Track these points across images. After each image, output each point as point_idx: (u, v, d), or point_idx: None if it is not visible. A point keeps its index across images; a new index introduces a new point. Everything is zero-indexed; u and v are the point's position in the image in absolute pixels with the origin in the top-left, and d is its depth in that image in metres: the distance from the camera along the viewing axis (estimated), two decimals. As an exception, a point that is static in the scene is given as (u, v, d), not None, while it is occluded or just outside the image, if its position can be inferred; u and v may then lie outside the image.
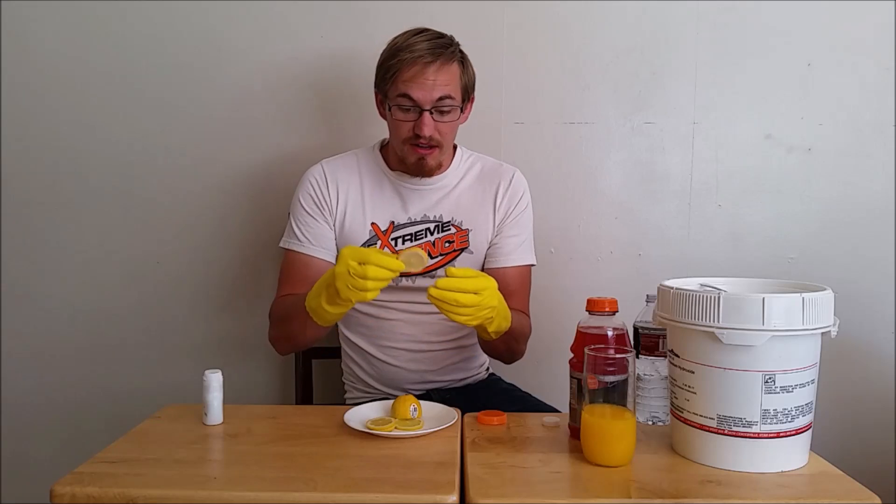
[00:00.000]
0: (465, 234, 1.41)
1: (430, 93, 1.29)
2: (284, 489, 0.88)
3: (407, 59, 1.29)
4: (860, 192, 1.72)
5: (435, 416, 1.13)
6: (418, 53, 1.29)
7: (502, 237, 1.44)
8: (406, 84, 1.29)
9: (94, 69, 1.71)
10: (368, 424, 1.07)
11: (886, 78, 1.69)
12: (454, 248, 1.41)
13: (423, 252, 1.16)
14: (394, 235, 1.40)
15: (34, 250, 1.75)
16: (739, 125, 1.71)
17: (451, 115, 1.34)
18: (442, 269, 1.40)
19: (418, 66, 1.29)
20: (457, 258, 1.41)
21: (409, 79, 1.29)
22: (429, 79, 1.29)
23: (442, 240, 1.41)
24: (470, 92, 1.39)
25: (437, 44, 1.32)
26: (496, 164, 1.48)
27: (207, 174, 1.73)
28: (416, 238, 1.40)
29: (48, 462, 1.76)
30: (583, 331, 1.05)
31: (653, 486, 0.90)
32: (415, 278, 1.39)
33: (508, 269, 1.42)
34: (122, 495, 0.86)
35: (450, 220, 1.41)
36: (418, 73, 1.29)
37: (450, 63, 1.32)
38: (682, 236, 1.74)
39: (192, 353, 1.77)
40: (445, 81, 1.31)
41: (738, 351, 0.92)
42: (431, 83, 1.29)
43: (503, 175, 1.45)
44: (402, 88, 1.30)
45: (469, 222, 1.42)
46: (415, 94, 1.29)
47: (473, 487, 0.88)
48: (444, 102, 1.31)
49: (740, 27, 1.69)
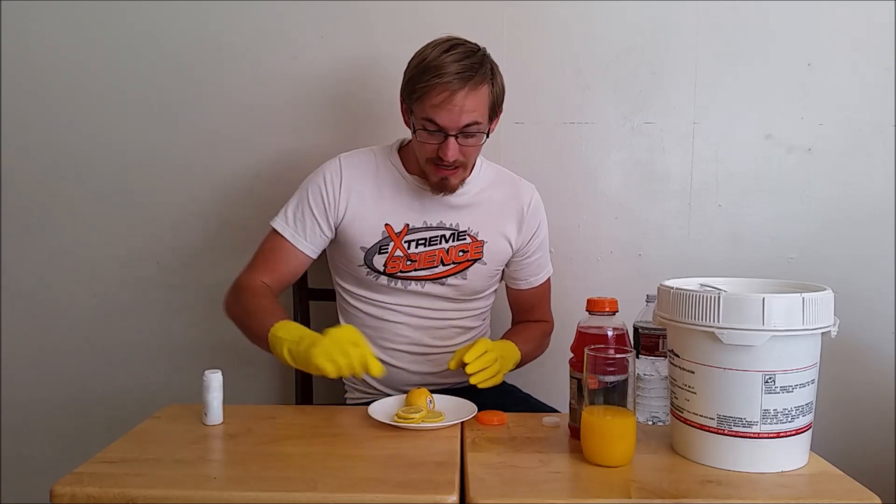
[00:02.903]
0: (480, 245, 1.40)
1: (458, 119, 1.26)
2: (284, 489, 0.88)
3: (435, 85, 1.24)
4: (860, 192, 1.71)
5: (454, 408, 1.15)
6: (447, 79, 1.23)
7: (528, 259, 1.46)
8: (433, 109, 1.25)
9: (94, 70, 1.71)
10: (396, 417, 1.09)
11: (886, 78, 1.69)
12: (468, 258, 1.40)
13: (427, 401, 1.18)
14: (407, 238, 1.38)
15: (34, 250, 1.75)
16: (739, 125, 1.71)
17: (477, 140, 1.31)
18: (451, 277, 1.40)
19: (447, 94, 1.24)
20: (469, 268, 1.40)
21: (437, 104, 1.25)
22: (456, 105, 1.24)
23: (456, 248, 1.39)
24: (498, 108, 1.35)
25: (468, 66, 1.25)
26: (514, 178, 1.48)
27: (207, 174, 1.73)
28: (431, 243, 1.39)
29: (48, 462, 1.76)
30: (583, 331, 1.05)
31: (653, 486, 0.90)
32: (424, 283, 1.39)
33: (534, 289, 1.48)
34: (122, 495, 0.87)
35: (466, 229, 1.40)
36: (446, 101, 1.24)
37: (479, 87, 1.27)
38: (682, 236, 1.74)
39: (192, 353, 1.77)
40: (473, 107, 1.26)
41: (738, 351, 0.92)
42: (459, 109, 1.25)
43: (523, 193, 1.44)
44: (430, 113, 1.26)
45: (485, 234, 1.40)
46: (441, 121, 1.26)
47: (473, 487, 0.88)
48: (471, 128, 1.28)
49: (740, 27, 1.68)
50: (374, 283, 1.40)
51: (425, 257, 1.38)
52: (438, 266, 1.39)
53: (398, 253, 1.37)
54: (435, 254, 1.39)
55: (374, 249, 1.38)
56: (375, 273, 1.38)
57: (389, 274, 1.38)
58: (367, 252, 1.38)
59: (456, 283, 1.40)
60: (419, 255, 1.38)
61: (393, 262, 1.37)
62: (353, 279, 1.43)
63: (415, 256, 1.38)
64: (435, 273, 1.39)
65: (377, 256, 1.38)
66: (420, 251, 1.38)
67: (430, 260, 1.38)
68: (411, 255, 1.38)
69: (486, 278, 1.43)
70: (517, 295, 1.51)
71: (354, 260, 1.39)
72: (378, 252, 1.37)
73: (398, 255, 1.37)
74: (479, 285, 1.43)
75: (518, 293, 1.50)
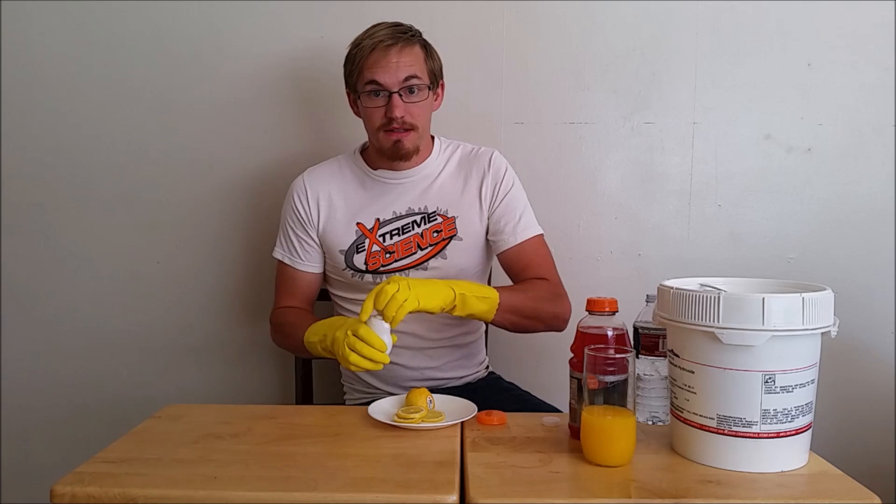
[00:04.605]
0: (451, 221, 1.41)
1: (396, 74, 1.31)
2: (284, 489, 0.88)
3: (368, 45, 1.32)
4: (860, 192, 1.72)
5: (455, 409, 1.15)
6: (378, 38, 1.32)
7: (500, 219, 1.42)
8: (371, 70, 1.32)
9: (94, 70, 1.71)
10: (396, 417, 1.09)
11: (886, 78, 1.69)
12: (443, 237, 1.41)
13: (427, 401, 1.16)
14: (381, 232, 1.40)
15: (34, 251, 1.75)
16: (739, 125, 1.71)
17: (420, 95, 1.35)
18: (431, 260, 1.40)
19: (380, 51, 1.31)
20: (447, 247, 1.41)
21: (373, 63, 1.32)
22: (392, 60, 1.31)
23: (430, 230, 1.41)
24: (438, 77, 1.41)
25: (397, 30, 1.35)
26: (473, 148, 1.48)
27: (208, 174, 1.73)
28: (404, 231, 1.40)
29: (48, 462, 1.77)
30: (583, 331, 1.05)
31: (653, 486, 0.90)
32: (408, 272, 1.40)
33: (519, 246, 1.42)
34: (122, 495, 0.86)
35: (435, 209, 1.42)
36: (381, 57, 1.31)
37: (411, 45, 1.34)
38: (681, 236, 1.74)
39: (193, 353, 1.77)
40: (409, 62, 1.33)
41: (738, 351, 0.92)
42: (395, 64, 1.31)
43: (481, 158, 1.45)
44: (368, 75, 1.32)
45: (454, 209, 1.42)
46: (381, 78, 1.31)
47: (473, 487, 0.88)
48: (411, 82, 1.33)
49: (740, 27, 1.69)
50: (360, 284, 1.41)
51: (402, 246, 1.40)
52: (416, 252, 1.40)
53: (375, 248, 1.39)
54: (410, 240, 1.40)
55: (351, 249, 1.40)
56: (359, 273, 1.40)
57: (372, 271, 1.39)
58: (345, 254, 1.40)
59: (437, 264, 1.40)
60: (396, 246, 1.40)
61: (373, 257, 1.39)
62: (342, 285, 1.45)
63: (392, 248, 1.39)
64: (415, 259, 1.40)
65: (356, 255, 1.40)
66: (396, 241, 1.40)
67: (408, 248, 1.40)
68: (388, 248, 1.39)
69: (469, 254, 1.42)
70: (505, 258, 1.44)
71: (338, 264, 1.41)
72: (356, 251, 1.40)
73: (376, 251, 1.39)
74: (463, 262, 1.42)
75: (506, 256, 1.43)
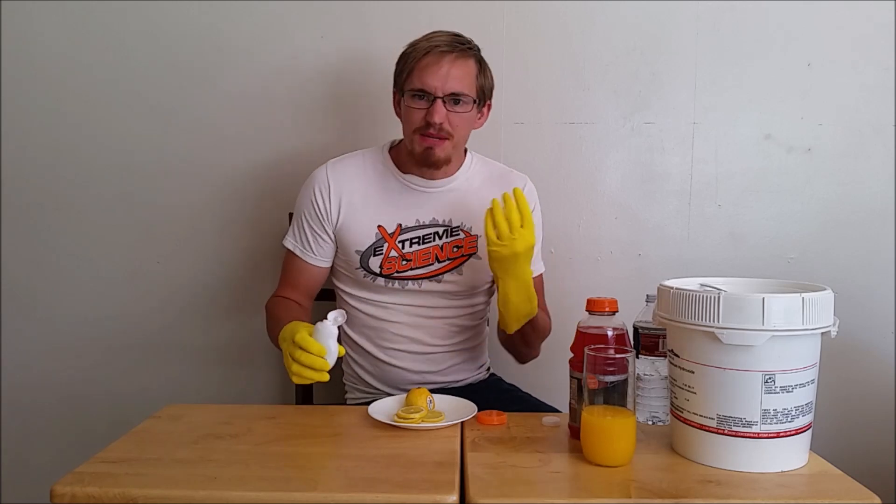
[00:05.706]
0: (473, 239, 1.40)
1: (444, 82, 1.29)
2: (284, 489, 0.88)
3: (423, 48, 1.30)
4: (860, 192, 1.72)
5: (454, 408, 1.15)
6: (435, 43, 1.30)
7: None
8: (421, 73, 1.30)
9: (94, 70, 1.71)
10: (396, 417, 1.09)
11: (886, 78, 1.69)
12: (462, 252, 1.40)
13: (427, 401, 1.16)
14: (401, 238, 1.38)
15: (34, 251, 1.75)
16: (739, 125, 1.71)
17: (464, 107, 1.32)
18: (447, 274, 1.39)
19: (434, 55, 1.29)
20: (464, 263, 1.40)
21: (425, 66, 1.30)
22: (443, 68, 1.29)
23: (450, 244, 1.39)
24: (487, 96, 1.38)
25: (456, 39, 1.33)
26: (506, 170, 1.47)
27: (208, 175, 1.73)
28: (425, 241, 1.39)
29: (48, 462, 1.77)
30: (583, 331, 1.05)
31: (653, 486, 0.90)
32: (421, 282, 1.39)
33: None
34: (122, 495, 0.86)
35: (459, 224, 1.40)
36: (433, 63, 1.29)
37: (466, 58, 1.32)
38: (681, 236, 1.74)
39: (193, 353, 1.77)
40: (460, 76, 1.30)
41: (738, 351, 0.92)
42: (445, 73, 1.29)
43: (515, 183, 1.42)
44: (417, 76, 1.30)
45: (478, 228, 1.39)
46: (429, 81, 1.29)
47: (473, 487, 0.88)
48: (458, 96, 1.31)
49: (740, 27, 1.69)
50: (371, 285, 1.40)
51: (420, 256, 1.38)
52: (434, 263, 1.39)
53: (393, 254, 1.37)
54: (430, 251, 1.39)
55: (368, 252, 1.38)
56: (372, 275, 1.39)
57: (386, 275, 1.38)
58: (362, 255, 1.38)
59: (452, 279, 1.40)
60: (414, 254, 1.38)
61: (388, 263, 1.37)
62: (351, 281, 1.43)
63: (410, 256, 1.38)
64: (431, 271, 1.39)
65: (373, 258, 1.38)
66: (415, 250, 1.38)
67: (426, 258, 1.38)
68: (406, 255, 1.38)
69: (484, 274, 1.42)
70: None
71: (352, 263, 1.39)
72: (373, 254, 1.38)
73: (393, 256, 1.37)
74: (477, 280, 1.43)
75: None
